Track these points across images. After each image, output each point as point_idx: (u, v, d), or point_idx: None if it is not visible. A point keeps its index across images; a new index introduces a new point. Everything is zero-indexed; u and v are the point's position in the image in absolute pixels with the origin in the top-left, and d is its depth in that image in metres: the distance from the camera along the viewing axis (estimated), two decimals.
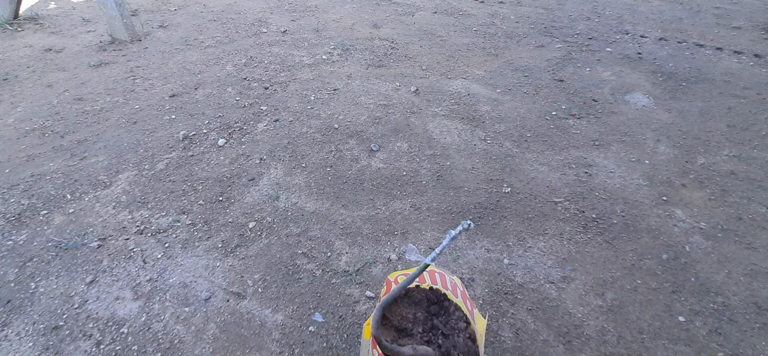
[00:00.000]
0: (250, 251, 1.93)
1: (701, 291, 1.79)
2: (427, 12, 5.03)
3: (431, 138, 2.71)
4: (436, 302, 1.00)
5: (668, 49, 4.09)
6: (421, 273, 0.83)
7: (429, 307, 1.00)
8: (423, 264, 0.78)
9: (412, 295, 1.01)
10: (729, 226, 2.11)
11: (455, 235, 0.75)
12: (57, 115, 2.89)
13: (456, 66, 3.69)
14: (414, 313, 0.98)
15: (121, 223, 2.06)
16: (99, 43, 3.99)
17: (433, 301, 1.00)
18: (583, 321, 1.67)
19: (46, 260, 1.87)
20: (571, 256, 1.94)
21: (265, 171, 2.41)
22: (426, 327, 0.96)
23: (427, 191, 2.29)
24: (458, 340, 0.93)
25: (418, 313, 0.98)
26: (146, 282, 1.78)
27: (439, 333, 0.95)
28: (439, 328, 0.95)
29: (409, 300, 1.01)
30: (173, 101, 3.07)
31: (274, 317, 1.66)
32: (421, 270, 0.81)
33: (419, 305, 1.00)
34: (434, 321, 0.97)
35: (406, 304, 1.00)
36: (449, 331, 0.95)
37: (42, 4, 5.05)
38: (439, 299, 1.00)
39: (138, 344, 1.56)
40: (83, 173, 2.37)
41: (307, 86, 3.27)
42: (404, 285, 0.86)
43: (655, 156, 2.61)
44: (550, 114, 3.01)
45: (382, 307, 0.82)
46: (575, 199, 2.27)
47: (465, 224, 0.70)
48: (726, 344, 1.60)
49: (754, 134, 2.82)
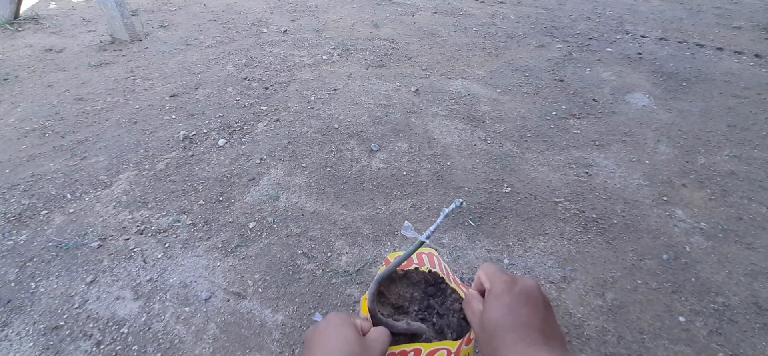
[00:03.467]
0: (250, 251, 1.93)
1: (702, 291, 1.79)
2: (427, 12, 5.03)
3: (431, 138, 2.71)
4: (433, 284, 1.04)
5: (668, 49, 4.09)
6: (416, 249, 0.85)
7: (426, 288, 1.04)
8: (418, 241, 0.80)
9: (411, 276, 1.05)
10: (729, 226, 2.11)
11: (449, 212, 0.78)
12: (57, 115, 2.89)
13: (456, 66, 3.69)
14: (411, 293, 1.02)
15: (122, 223, 2.06)
16: (99, 43, 3.99)
17: (430, 283, 1.04)
18: (583, 321, 1.67)
19: (46, 260, 1.87)
20: (571, 256, 1.94)
21: (266, 171, 2.41)
22: (422, 306, 1.00)
23: (427, 191, 2.29)
24: (452, 320, 0.96)
25: (415, 293, 1.02)
26: (146, 282, 1.78)
27: (434, 313, 0.98)
28: (434, 308, 0.99)
29: (408, 280, 1.05)
30: (173, 100, 3.07)
31: (274, 317, 1.66)
32: (417, 247, 0.84)
33: (417, 286, 1.04)
34: (430, 301, 1.00)
35: (404, 284, 1.04)
36: (444, 311, 0.98)
37: (42, 4, 5.05)
38: (436, 281, 1.04)
39: (138, 344, 1.56)
40: (83, 173, 2.37)
41: (307, 86, 3.27)
42: (400, 260, 0.88)
43: (655, 156, 2.61)
44: (551, 114, 3.01)
45: (379, 281, 0.85)
46: (575, 199, 2.26)
47: (458, 202, 0.72)
48: (726, 344, 1.60)
49: (754, 134, 2.82)
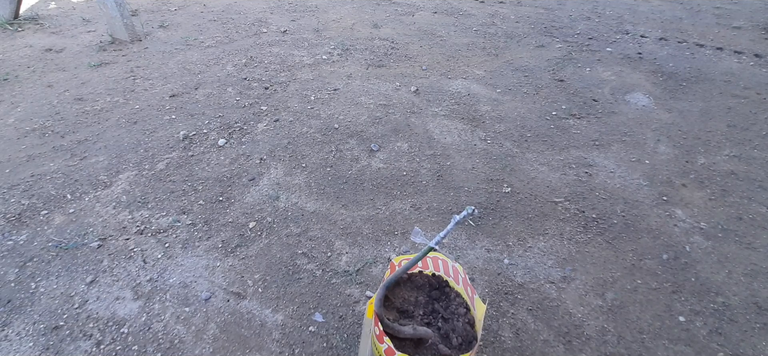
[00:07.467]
0: (250, 251, 1.93)
1: (701, 291, 1.79)
2: (427, 12, 5.03)
3: (431, 138, 2.71)
4: (437, 287, 1.04)
5: (668, 49, 4.09)
6: (425, 255, 0.85)
7: (430, 292, 1.03)
8: (427, 247, 0.80)
9: (415, 280, 1.05)
10: (729, 226, 2.11)
11: (460, 219, 0.77)
12: (57, 115, 2.89)
13: (456, 66, 3.69)
14: (416, 297, 1.02)
15: (122, 223, 2.06)
16: (99, 43, 3.99)
17: (434, 287, 1.04)
18: (583, 321, 1.67)
19: (46, 260, 1.87)
20: (571, 256, 1.94)
21: (266, 171, 2.41)
22: (427, 310, 1.00)
23: (427, 191, 2.29)
24: (457, 324, 0.96)
25: (420, 297, 1.02)
26: (146, 282, 1.78)
27: (439, 317, 0.98)
28: (439, 312, 0.99)
29: (412, 284, 1.04)
30: (173, 101, 3.07)
31: (274, 317, 1.66)
32: (425, 253, 0.83)
33: (421, 289, 1.03)
34: (435, 305, 1.00)
35: (408, 288, 1.04)
36: (449, 315, 0.98)
37: (42, 4, 5.05)
38: (440, 285, 1.04)
39: (138, 344, 1.56)
40: (83, 173, 2.37)
41: (307, 86, 3.27)
42: (408, 266, 0.88)
43: (655, 156, 2.61)
44: (551, 114, 3.01)
45: (386, 287, 0.85)
46: (575, 199, 2.26)
47: (470, 209, 0.72)
48: (726, 344, 1.60)
49: (754, 134, 2.82)
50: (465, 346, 0.98)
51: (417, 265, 1.07)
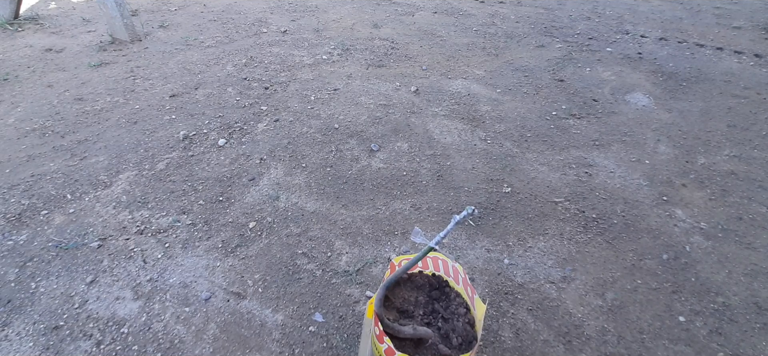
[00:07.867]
0: (250, 251, 1.93)
1: (702, 291, 1.79)
2: (427, 12, 5.03)
3: (431, 138, 2.71)
4: (437, 287, 1.04)
5: (668, 49, 4.09)
6: (425, 255, 0.85)
7: (430, 292, 1.03)
8: (427, 247, 0.80)
9: (415, 280, 1.05)
10: (729, 226, 2.11)
11: (460, 219, 0.77)
12: (57, 115, 2.89)
13: (456, 66, 3.69)
14: (416, 297, 1.02)
15: (122, 223, 2.06)
16: (99, 43, 3.99)
17: (434, 287, 1.04)
18: (583, 321, 1.67)
19: (46, 260, 1.87)
20: (571, 256, 1.94)
21: (266, 171, 2.41)
22: (427, 310, 1.00)
23: (427, 191, 2.29)
24: (457, 324, 0.96)
25: (420, 297, 1.02)
26: (146, 282, 1.78)
27: (439, 317, 0.98)
28: (439, 312, 0.99)
29: (412, 284, 1.04)
30: (173, 101, 3.07)
31: (274, 317, 1.66)
32: (425, 253, 0.83)
33: (421, 289, 1.03)
34: (435, 305, 1.00)
35: (408, 288, 1.04)
36: (449, 315, 0.98)
37: (42, 4, 5.05)
38: (440, 285, 1.04)
39: (138, 344, 1.56)
40: (83, 173, 2.37)
41: (307, 86, 3.27)
42: (408, 266, 0.88)
43: (655, 156, 2.61)
44: (551, 114, 3.01)
45: (386, 287, 0.85)
46: (575, 199, 2.26)
47: (470, 209, 0.72)
48: (726, 344, 1.60)
49: (754, 134, 2.82)
50: (465, 346, 0.98)
51: (417, 265, 1.07)
